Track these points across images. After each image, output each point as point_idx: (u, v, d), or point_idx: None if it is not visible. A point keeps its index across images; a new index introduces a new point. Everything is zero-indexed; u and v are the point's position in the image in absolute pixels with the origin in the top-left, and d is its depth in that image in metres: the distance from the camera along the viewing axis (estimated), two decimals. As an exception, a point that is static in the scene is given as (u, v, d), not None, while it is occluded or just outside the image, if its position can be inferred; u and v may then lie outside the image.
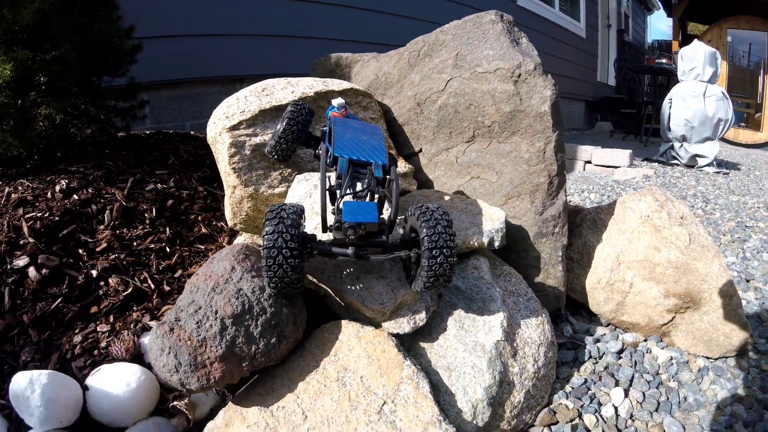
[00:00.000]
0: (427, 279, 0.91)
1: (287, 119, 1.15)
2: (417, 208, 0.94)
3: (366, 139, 1.04)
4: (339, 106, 1.14)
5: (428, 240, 0.88)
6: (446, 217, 0.92)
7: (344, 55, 1.67)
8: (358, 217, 0.88)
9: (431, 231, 0.89)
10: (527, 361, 1.11)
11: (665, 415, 1.17)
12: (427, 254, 0.89)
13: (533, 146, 1.31)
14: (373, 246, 0.94)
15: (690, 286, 1.40)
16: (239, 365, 0.96)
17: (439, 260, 0.89)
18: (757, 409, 1.18)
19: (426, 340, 1.08)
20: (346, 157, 0.98)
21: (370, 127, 1.12)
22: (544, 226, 1.34)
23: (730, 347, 1.37)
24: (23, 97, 1.54)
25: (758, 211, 3.07)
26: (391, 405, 0.94)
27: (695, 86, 4.43)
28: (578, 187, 3.60)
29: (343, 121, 1.11)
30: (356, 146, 1.01)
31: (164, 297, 1.24)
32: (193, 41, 2.64)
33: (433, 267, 0.89)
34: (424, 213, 0.92)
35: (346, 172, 0.97)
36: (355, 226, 0.88)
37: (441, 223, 0.90)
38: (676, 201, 1.55)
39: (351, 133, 1.05)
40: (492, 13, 1.37)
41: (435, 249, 0.88)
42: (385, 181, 0.99)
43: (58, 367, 1.07)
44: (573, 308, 1.58)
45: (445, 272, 0.91)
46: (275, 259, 0.85)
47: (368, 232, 0.91)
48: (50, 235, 1.28)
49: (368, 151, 1.01)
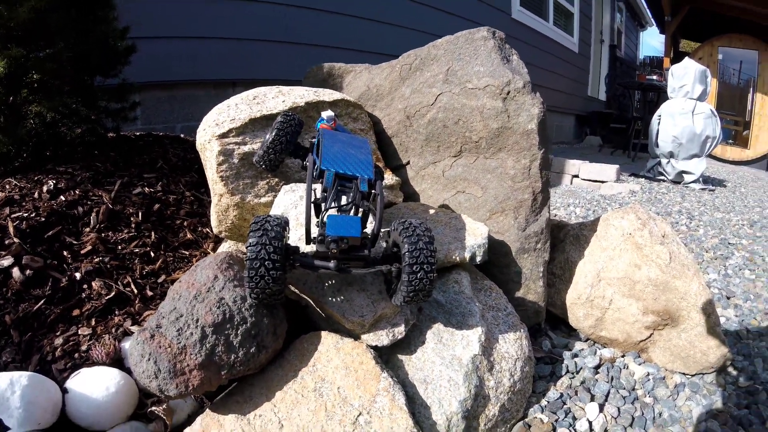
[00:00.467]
0: (407, 293, 0.93)
1: (276, 129, 1.16)
2: (400, 224, 0.95)
3: (353, 153, 1.06)
4: (328, 119, 1.15)
5: (409, 255, 0.90)
6: (428, 233, 0.93)
7: (337, 65, 1.68)
8: (341, 231, 0.89)
9: (413, 247, 0.90)
10: (503, 375, 1.13)
11: (639, 430, 1.18)
12: (407, 269, 0.90)
13: (519, 163, 1.33)
14: (355, 260, 0.95)
15: (669, 303, 1.42)
16: (218, 373, 0.97)
17: (419, 275, 0.91)
18: (732, 426, 1.20)
19: (404, 353, 1.09)
20: (333, 171, 0.99)
21: (358, 141, 1.13)
22: (527, 242, 1.36)
23: (707, 364, 1.39)
24: (15, 94, 1.54)
25: (742, 229, 3.11)
26: (367, 416, 0.95)
27: (684, 103, 4.50)
28: (564, 201, 3.63)
29: (331, 134, 1.12)
30: (343, 160, 1.02)
31: (147, 302, 1.24)
32: (187, 43, 2.63)
33: (413, 282, 0.91)
34: (407, 228, 0.93)
35: (332, 186, 0.98)
36: (337, 240, 0.90)
37: (423, 239, 0.92)
38: (659, 219, 1.58)
39: (339, 146, 1.06)
40: (484, 30, 1.39)
41: (416, 264, 0.90)
42: (370, 196, 1.00)
43: (39, 369, 1.07)
44: (553, 323, 1.60)
45: (425, 287, 0.92)
46: (257, 270, 0.86)
47: (351, 246, 0.92)
48: (36, 236, 1.28)
49: (355, 165, 1.02)
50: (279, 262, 0.87)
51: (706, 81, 4.43)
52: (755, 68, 7.58)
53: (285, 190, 1.21)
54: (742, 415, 1.25)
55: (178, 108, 2.69)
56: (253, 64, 2.95)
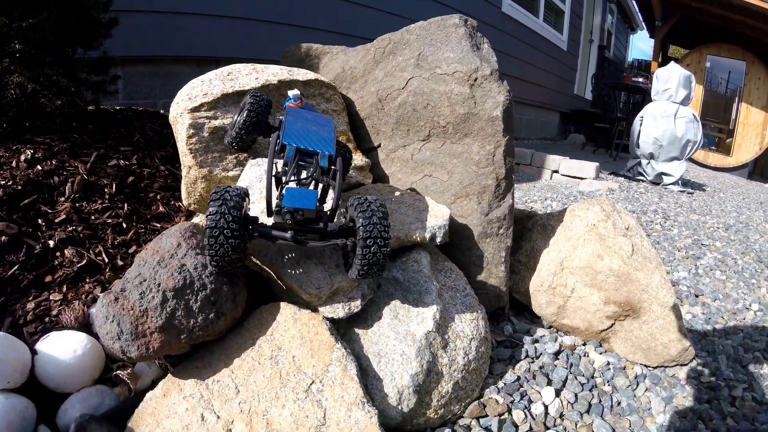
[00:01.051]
0: (361, 267, 0.96)
1: (247, 111, 1.18)
2: (356, 199, 0.99)
3: (316, 130, 1.09)
4: (294, 98, 1.18)
5: (363, 230, 0.94)
6: (382, 208, 0.97)
7: (314, 46, 1.70)
8: (296, 203, 0.93)
9: (367, 221, 0.94)
10: (458, 353, 1.17)
11: (596, 417, 1.20)
12: (361, 243, 0.94)
13: (484, 149, 1.36)
14: (311, 232, 0.99)
15: (630, 295, 1.46)
16: (177, 337, 1.00)
17: (372, 250, 0.94)
18: (692, 419, 1.23)
19: (361, 327, 1.13)
20: (294, 146, 1.02)
21: (322, 119, 1.16)
22: (489, 227, 1.39)
23: (668, 357, 1.43)
24: (-5, 64, 1.55)
25: (717, 231, 3.15)
26: (319, 385, 0.99)
27: (667, 106, 4.54)
28: (542, 195, 3.66)
29: (296, 111, 1.15)
30: (305, 136, 1.05)
31: (117, 271, 1.27)
32: (171, 18, 2.62)
33: (366, 256, 0.95)
34: (362, 204, 0.97)
35: (293, 160, 1.01)
36: (293, 212, 0.93)
37: (377, 214, 0.95)
38: (623, 212, 1.61)
39: (302, 123, 1.09)
40: (456, 17, 1.41)
41: (369, 239, 0.94)
42: (330, 171, 1.04)
43: (11, 332, 1.09)
44: (517, 309, 1.64)
45: (379, 261, 0.96)
46: (217, 238, 0.89)
47: (307, 219, 0.95)
48: (12, 204, 1.31)
49: (316, 141, 1.05)
50: (237, 231, 0.90)
51: (690, 86, 4.49)
52: (742, 79, 7.69)
53: (251, 164, 1.24)
54: (702, 409, 1.27)
55: (160, 84, 2.69)
56: (238, 43, 2.94)
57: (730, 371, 1.50)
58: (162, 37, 2.59)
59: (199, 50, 2.79)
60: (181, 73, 2.75)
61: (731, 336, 1.75)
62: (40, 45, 1.57)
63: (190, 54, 2.77)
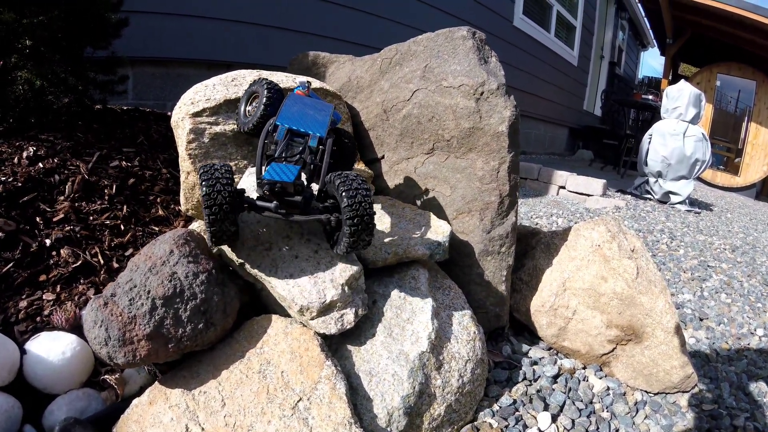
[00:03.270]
0: (348, 242, 0.99)
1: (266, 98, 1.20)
2: (336, 176, 1.00)
3: (312, 114, 1.12)
4: (302, 85, 1.21)
5: (349, 208, 0.95)
6: (364, 184, 0.99)
7: (321, 54, 1.69)
8: (275, 175, 0.97)
9: (351, 200, 0.95)
10: (452, 375, 1.14)
11: None
12: (348, 216, 0.96)
13: (488, 165, 1.33)
14: (291, 206, 1.01)
15: (633, 319, 1.42)
16: (165, 346, 0.99)
17: (360, 226, 0.97)
18: None
19: (354, 344, 1.10)
20: (286, 126, 1.07)
21: (322, 105, 1.18)
22: (491, 245, 1.36)
23: (669, 384, 1.39)
24: (5, 59, 1.55)
25: (723, 253, 3.10)
26: (307, 402, 0.97)
27: (676, 125, 4.51)
28: (548, 211, 3.63)
29: (296, 97, 1.18)
30: (299, 118, 1.09)
31: (112, 273, 1.26)
32: (183, 21, 2.63)
33: (354, 231, 0.97)
34: (344, 181, 0.98)
35: (283, 139, 1.06)
36: (270, 183, 0.97)
37: (360, 190, 0.97)
38: (629, 233, 1.58)
39: (299, 107, 1.13)
40: (464, 29, 1.40)
41: (355, 214, 0.95)
42: (318, 152, 1.07)
43: (1, 329, 1.09)
44: (517, 329, 1.60)
45: (365, 236, 0.99)
46: (217, 214, 0.94)
47: (284, 191, 0.99)
48: (11, 200, 1.30)
49: (309, 123, 1.09)
50: (232, 204, 0.95)
51: (700, 105, 4.44)
52: (752, 98, 7.65)
53: (249, 172, 1.23)
54: (703, 438, 1.23)
55: (170, 86, 2.69)
56: (249, 48, 2.95)
57: (732, 399, 1.46)
58: (173, 39, 2.60)
59: (210, 53, 2.80)
60: (191, 76, 2.75)
61: (735, 362, 1.71)
62: (50, 42, 1.58)
63: (201, 57, 2.78)
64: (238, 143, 1.28)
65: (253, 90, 1.25)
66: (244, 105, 1.27)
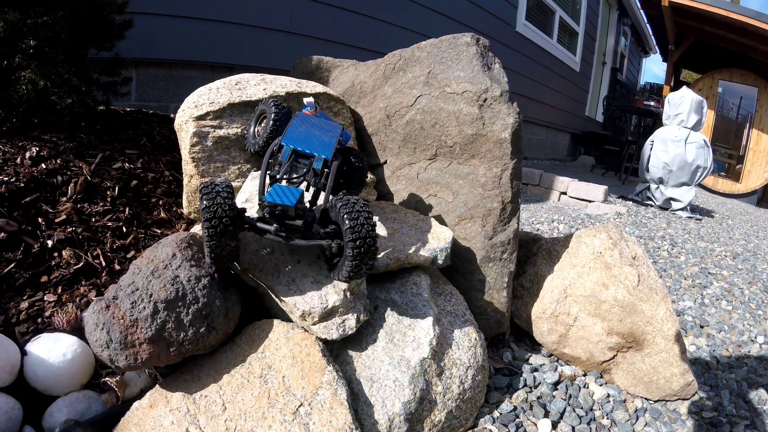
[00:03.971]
0: (350, 266, 0.96)
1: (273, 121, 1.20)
2: (338, 200, 0.98)
3: (318, 135, 1.11)
4: (309, 105, 1.20)
5: (351, 231, 0.93)
6: (366, 208, 0.96)
7: (325, 59, 1.69)
8: (276, 198, 0.96)
9: (354, 222, 0.93)
10: (453, 381, 1.14)
11: None
12: (351, 245, 0.93)
13: (490, 171, 1.33)
14: (290, 229, 1.00)
15: (634, 326, 1.42)
16: (167, 349, 0.99)
17: (362, 250, 0.94)
18: None
19: (355, 349, 1.10)
20: (291, 147, 1.05)
21: (330, 125, 1.17)
22: (492, 251, 1.36)
23: (669, 391, 1.39)
24: (9, 59, 1.56)
25: (724, 260, 3.09)
26: (308, 408, 0.97)
27: (678, 131, 4.51)
28: (549, 217, 3.62)
29: (304, 117, 1.17)
30: (305, 139, 1.08)
31: (113, 275, 1.26)
32: (187, 23, 2.63)
33: (357, 256, 0.94)
34: (346, 205, 0.96)
35: (287, 160, 1.04)
36: (271, 206, 0.95)
37: (363, 215, 0.94)
38: (631, 241, 1.58)
39: (305, 127, 1.12)
40: (467, 36, 1.40)
41: (359, 239, 0.93)
42: (323, 174, 1.06)
43: (2, 330, 1.09)
44: (518, 335, 1.60)
45: (368, 262, 0.97)
46: (216, 228, 0.91)
47: (285, 215, 0.97)
48: (13, 201, 1.30)
49: (315, 145, 1.08)
50: (233, 220, 0.92)
51: (702, 111, 4.45)
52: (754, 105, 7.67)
53: (252, 176, 1.23)
54: (703, 446, 1.23)
55: (173, 87, 2.70)
56: (253, 51, 2.95)
57: (732, 407, 1.46)
58: (177, 41, 2.60)
59: (214, 56, 2.81)
60: (195, 78, 2.76)
61: (735, 369, 1.71)
62: (53, 43, 1.58)
63: (205, 59, 2.79)
64: (241, 147, 1.29)
65: (262, 110, 1.25)
66: (254, 126, 1.27)
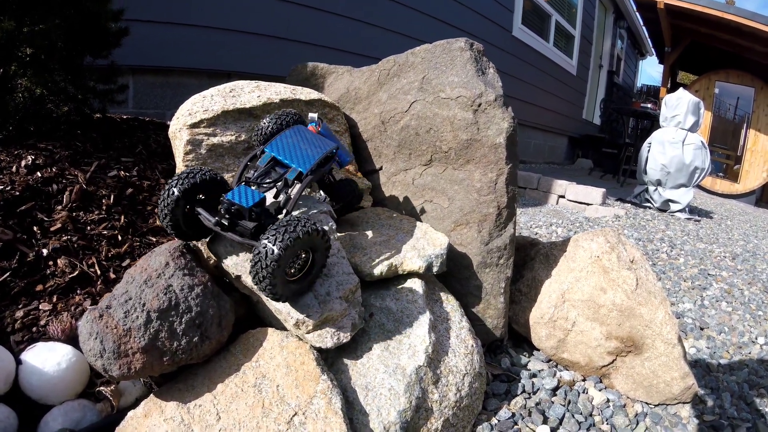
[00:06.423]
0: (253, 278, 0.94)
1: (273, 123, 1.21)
2: (288, 218, 0.95)
3: (305, 148, 1.12)
4: (312, 121, 1.23)
5: (256, 254, 0.90)
6: (295, 241, 0.90)
7: (320, 65, 1.69)
8: (235, 197, 0.98)
9: (272, 239, 0.89)
10: (449, 389, 1.13)
11: None
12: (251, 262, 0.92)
13: (486, 176, 1.33)
14: (236, 227, 1.01)
15: (633, 330, 1.42)
16: (160, 359, 0.98)
17: (253, 275, 0.92)
18: None
19: (350, 358, 1.10)
20: (271, 154, 1.09)
21: (321, 141, 1.17)
22: (489, 257, 1.36)
23: (670, 395, 1.38)
24: (5, 67, 1.56)
25: (723, 261, 3.09)
26: (302, 417, 0.96)
27: (675, 133, 4.52)
28: (548, 221, 3.62)
29: (300, 130, 1.18)
30: (289, 150, 1.10)
31: (108, 284, 1.25)
32: (184, 30, 2.64)
33: (253, 271, 0.92)
34: (278, 225, 0.91)
35: (264, 165, 1.08)
36: (228, 203, 0.98)
37: (285, 238, 0.89)
38: (629, 244, 1.57)
39: (294, 139, 1.14)
40: (462, 41, 1.40)
41: (257, 263, 0.90)
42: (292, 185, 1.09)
43: None
44: (516, 340, 1.59)
45: (261, 284, 0.93)
46: (165, 201, 1.00)
47: (238, 213, 1.00)
48: (8, 209, 1.30)
49: (296, 157, 1.10)
50: (182, 198, 1.00)
51: (699, 112, 4.46)
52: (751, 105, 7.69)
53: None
54: (702, 450, 1.22)
55: (170, 95, 2.70)
56: (251, 58, 2.95)
57: (733, 409, 1.46)
58: (173, 48, 2.61)
59: (211, 63, 2.81)
60: (191, 85, 2.76)
61: (736, 371, 1.70)
62: (50, 51, 1.59)
63: (201, 66, 2.79)
64: (235, 154, 1.29)
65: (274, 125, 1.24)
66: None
